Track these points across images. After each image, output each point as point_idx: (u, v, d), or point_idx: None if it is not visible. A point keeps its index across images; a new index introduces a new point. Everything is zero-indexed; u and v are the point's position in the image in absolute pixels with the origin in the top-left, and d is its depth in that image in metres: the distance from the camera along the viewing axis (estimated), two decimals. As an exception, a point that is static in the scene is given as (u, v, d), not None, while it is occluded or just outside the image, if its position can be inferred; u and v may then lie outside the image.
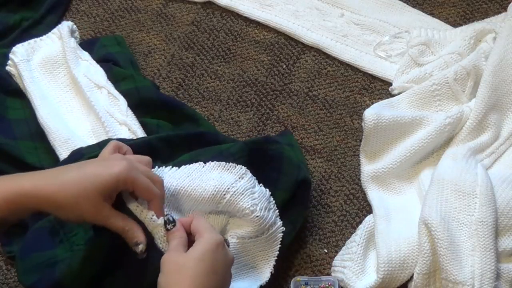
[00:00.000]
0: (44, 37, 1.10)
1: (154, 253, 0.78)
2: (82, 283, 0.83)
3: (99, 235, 0.81)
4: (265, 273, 0.87)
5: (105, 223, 0.76)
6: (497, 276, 0.84)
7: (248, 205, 0.83)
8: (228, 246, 0.79)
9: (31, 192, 0.73)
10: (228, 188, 0.84)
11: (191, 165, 0.87)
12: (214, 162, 0.87)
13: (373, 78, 1.10)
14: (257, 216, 0.84)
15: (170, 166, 0.87)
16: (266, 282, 0.86)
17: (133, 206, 0.78)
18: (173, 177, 0.85)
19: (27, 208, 0.74)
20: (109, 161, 0.77)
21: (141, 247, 0.77)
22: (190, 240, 0.77)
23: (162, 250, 0.77)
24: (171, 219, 0.77)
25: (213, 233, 0.76)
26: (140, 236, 0.77)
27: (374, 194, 0.97)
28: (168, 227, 0.77)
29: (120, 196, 0.79)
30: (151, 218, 0.77)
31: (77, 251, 0.84)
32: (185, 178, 0.85)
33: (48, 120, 1.00)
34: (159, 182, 0.80)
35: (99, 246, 0.82)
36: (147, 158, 0.82)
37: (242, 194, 0.84)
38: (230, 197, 0.84)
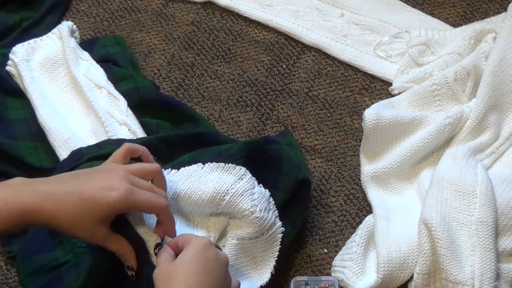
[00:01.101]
0: (44, 37, 1.10)
1: (150, 269, 0.77)
2: None
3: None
4: (265, 274, 0.87)
5: (100, 245, 0.77)
6: (497, 276, 0.84)
7: (247, 206, 0.83)
8: (220, 250, 0.79)
9: (33, 211, 0.73)
10: (228, 190, 0.83)
11: (190, 167, 0.87)
12: (213, 163, 0.87)
13: (373, 78, 1.10)
14: (257, 217, 0.83)
15: (170, 169, 0.87)
16: (266, 282, 0.86)
17: (139, 229, 0.79)
18: (173, 180, 0.85)
19: (30, 224, 0.75)
20: (110, 180, 0.75)
21: (130, 273, 0.78)
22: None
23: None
24: (158, 244, 0.78)
25: (200, 238, 0.76)
26: (131, 262, 0.78)
27: (374, 194, 0.97)
28: (156, 251, 0.78)
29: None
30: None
31: (81, 257, 0.84)
32: (184, 180, 0.85)
33: (48, 120, 1.00)
34: (162, 195, 0.79)
35: (104, 259, 0.81)
36: (154, 168, 0.80)
37: (242, 195, 0.83)
38: (230, 198, 0.83)
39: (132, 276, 0.78)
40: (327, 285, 0.88)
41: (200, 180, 0.85)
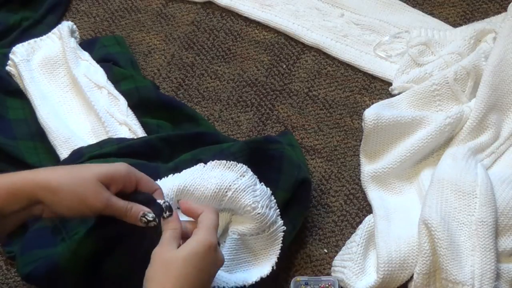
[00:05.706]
0: (44, 37, 1.10)
1: (155, 236, 0.77)
2: (78, 263, 0.82)
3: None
4: (266, 267, 0.86)
5: (107, 204, 0.75)
6: (497, 276, 0.84)
7: (249, 202, 0.84)
8: (219, 245, 0.78)
9: (29, 177, 0.73)
10: (230, 186, 0.84)
11: (192, 167, 0.87)
12: (215, 161, 0.87)
13: (373, 78, 1.10)
14: (258, 213, 0.84)
15: (171, 174, 0.87)
16: (267, 275, 0.86)
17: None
18: (175, 178, 0.86)
19: (24, 195, 0.73)
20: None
21: (150, 216, 0.76)
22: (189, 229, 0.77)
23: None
24: (168, 206, 0.77)
25: (210, 235, 0.75)
26: (145, 208, 0.77)
27: (374, 194, 0.97)
28: (165, 215, 0.76)
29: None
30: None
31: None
32: (187, 177, 0.85)
33: (48, 120, 1.00)
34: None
35: (95, 228, 0.81)
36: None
37: (244, 191, 0.84)
38: (232, 194, 0.84)
39: (154, 219, 0.76)
40: (327, 285, 0.88)
41: (203, 177, 0.85)
